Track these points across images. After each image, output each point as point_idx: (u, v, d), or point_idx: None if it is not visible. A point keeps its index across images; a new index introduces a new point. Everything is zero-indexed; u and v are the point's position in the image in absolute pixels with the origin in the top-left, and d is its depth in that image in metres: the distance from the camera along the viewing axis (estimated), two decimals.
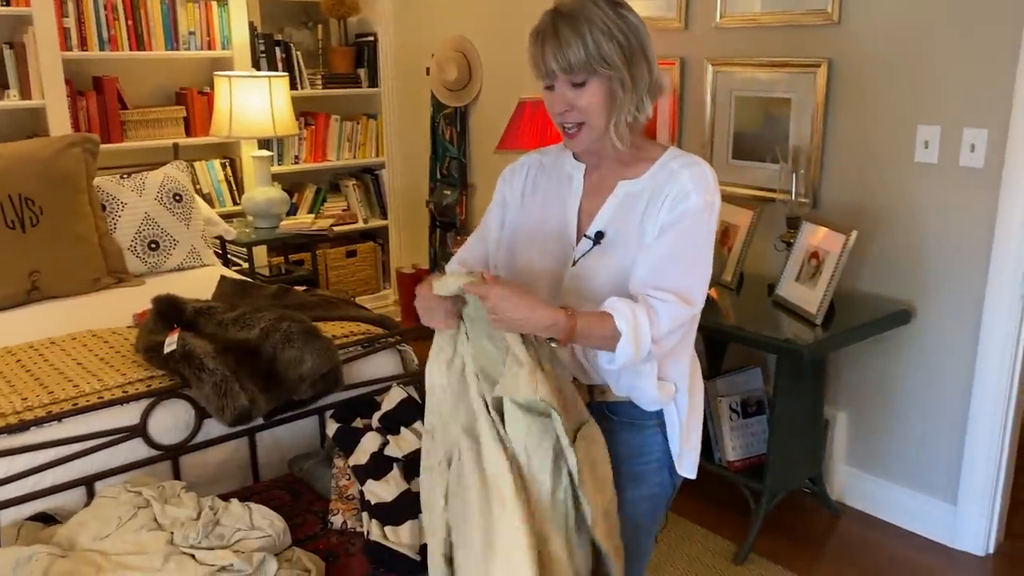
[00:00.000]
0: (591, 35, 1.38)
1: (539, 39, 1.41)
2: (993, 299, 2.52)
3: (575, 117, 1.44)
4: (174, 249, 3.42)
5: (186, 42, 4.00)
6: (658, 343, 1.37)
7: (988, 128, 2.47)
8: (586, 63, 1.39)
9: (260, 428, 2.27)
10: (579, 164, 1.56)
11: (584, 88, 1.42)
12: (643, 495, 1.57)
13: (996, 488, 2.65)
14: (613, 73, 1.41)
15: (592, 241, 1.49)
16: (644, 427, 1.54)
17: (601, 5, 1.40)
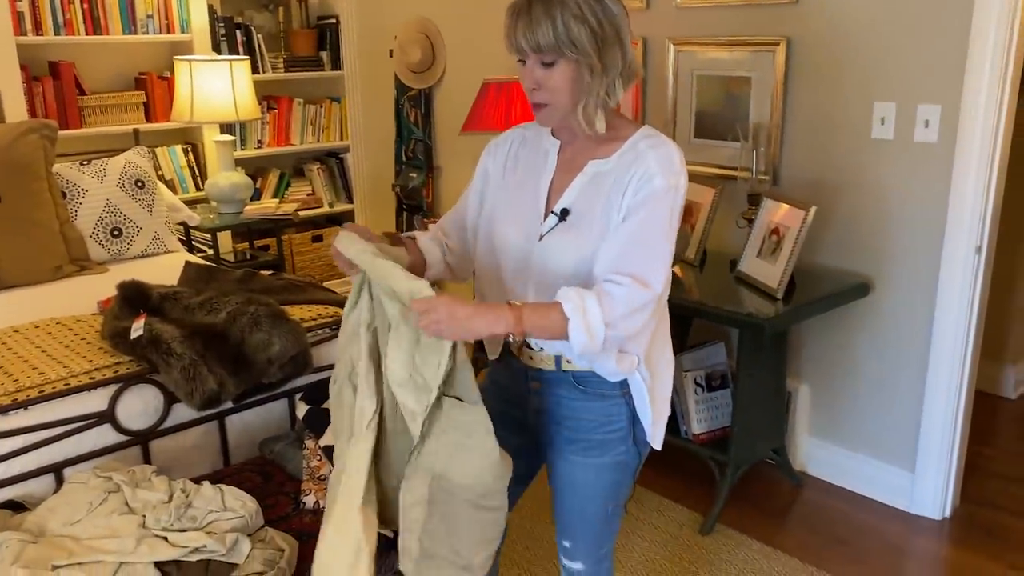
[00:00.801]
0: (562, 18, 1.39)
1: (513, 15, 1.44)
2: (948, 271, 2.60)
3: (542, 97, 1.47)
4: (137, 236, 3.39)
5: (144, 26, 3.94)
6: (613, 326, 1.38)
7: (941, 104, 2.53)
8: (554, 45, 1.40)
9: (230, 412, 2.27)
10: (555, 140, 1.59)
11: (552, 69, 1.44)
12: (609, 462, 1.61)
13: (952, 455, 2.73)
14: (582, 58, 1.42)
15: (557, 217, 1.51)
16: (609, 397, 1.57)
17: None
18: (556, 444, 1.64)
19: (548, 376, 1.60)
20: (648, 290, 1.41)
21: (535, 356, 1.59)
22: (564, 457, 1.63)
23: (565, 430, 1.61)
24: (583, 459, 1.61)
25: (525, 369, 1.62)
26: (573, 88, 1.45)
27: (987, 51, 2.41)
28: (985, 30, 2.40)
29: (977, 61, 2.43)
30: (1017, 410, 3.57)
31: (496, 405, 1.67)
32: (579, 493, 1.65)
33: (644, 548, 2.64)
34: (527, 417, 1.66)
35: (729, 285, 2.80)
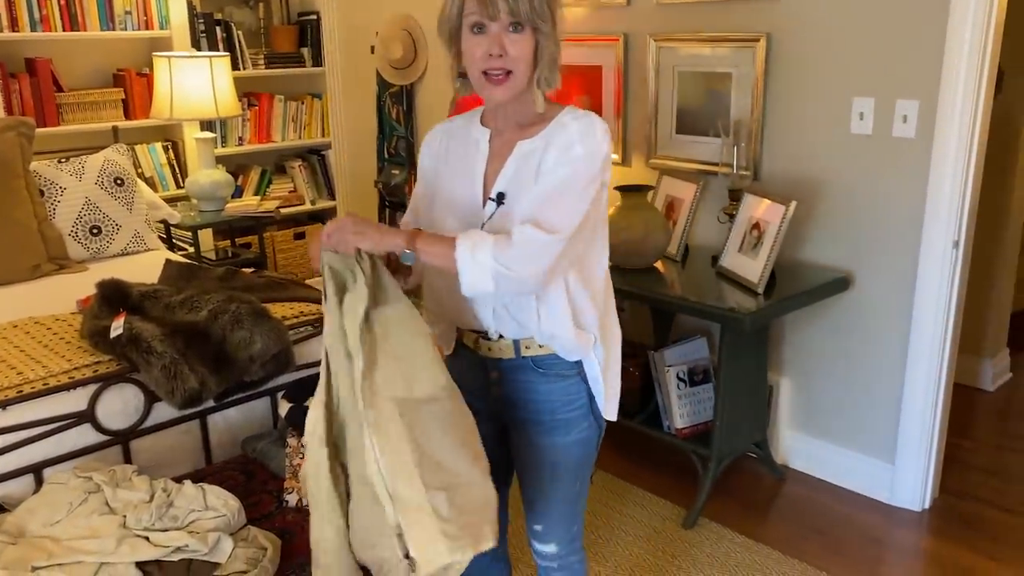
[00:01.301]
0: None
1: None
2: (926, 265, 2.62)
3: (504, 63, 1.46)
4: (117, 234, 3.36)
5: (122, 22, 3.90)
6: (506, 265, 1.39)
7: (919, 100, 2.55)
8: (529, 14, 1.43)
9: (211, 410, 2.26)
10: (485, 129, 1.60)
11: (520, 36, 1.45)
12: (574, 440, 1.65)
13: (931, 447, 2.76)
14: (545, 30, 1.46)
15: (496, 203, 1.53)
16: (568, 377, 1.62)
17: None
18: (521, 427, 1.67)
19: (507, 364, 1.62)
20: (549, 235, 1.41)
21: (493, 346, 1.61)
22: (530, 440, 1.66)
23: (529, 413, 1.65)
24: (549, 439, 1.65)
25: (483, 360, 1.64)
26: (531, 60, 1.47)
27: (963, 47, 2.43)
28: (961, 26, 2.42)
29: (954, 57, 2.45)
30: (995, 402, 3.61)
31: None
32: (547, 473, 1.68)
33: (627, 543, 2.65)
34: (489, 406, 1.68)
35: (711, 280, 2.81)
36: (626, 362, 3.00)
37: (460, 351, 1.69)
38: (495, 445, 1.73)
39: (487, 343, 1.62)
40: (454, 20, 1.49)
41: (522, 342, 1.59)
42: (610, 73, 3.33)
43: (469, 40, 1.48)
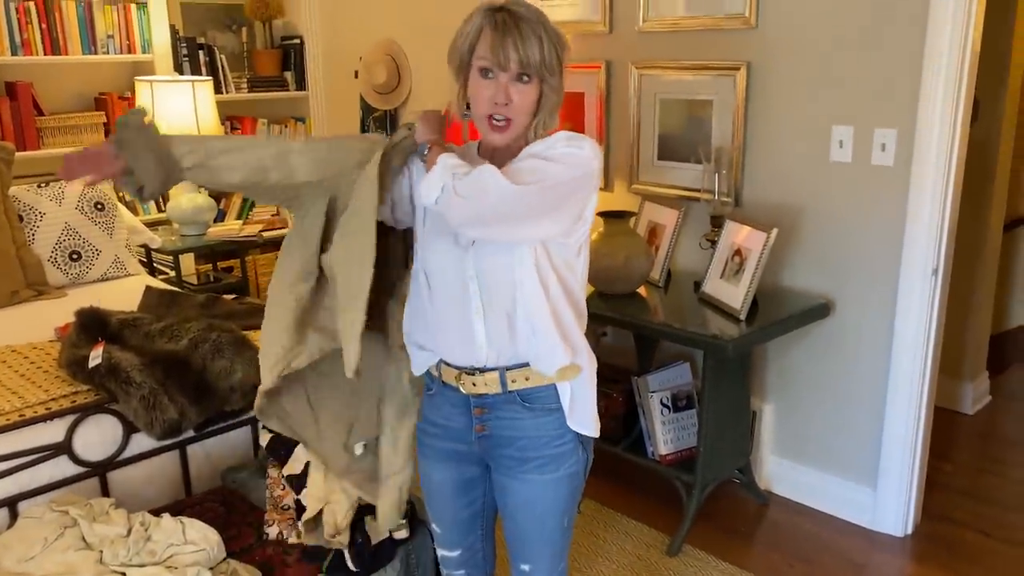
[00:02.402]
0: (548, 39, 1.45)
1: (499, 27, 1.45)
2: (906, 291, 2.64)
3: (507, 112, 1.49)
4: (96, 259, 3.34)
5: (104, 46, 3.89)
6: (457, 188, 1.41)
7: (897, 128, 2.58)
8: (539, 66, 1.45)
9: (191, 440, 2.24)
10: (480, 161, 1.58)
11: (526, 86, 1.47)
12: (564, 475, 1.64)
13: (912, 472, 2.77)
14: (552, 83, 1.48)
15: None
16: (555, 410, 1.60)
17: (541, 15, 1.48)
18: (508, 467, 1.64)
19: (493, 400, 1.60)
20: (511, 185, 1.41)
21: (478, 381, 1.59)
22: (518, 478, 1.63)
23: (517, 451, 1.62)
24: (539, 476, 1.62)
25: (466, 398, 1.62)
26: (534, 109, 1.50)
27: (940, 76, 2.47)
28: (938, 56, 2.45)
29: (930, 86, 2.49)
30: (976, 425, 3.64)
31: (437, 444, 1.70)
32: (537, 511, 1.66)
33: (611, 570, 2.63)
34: (472, 447, 1.66)
35: (693, 306, 2.82)
36: (610, 387, 3.02)
37: (441, 391, 1.66)
38: (482, 488, 1.72)
39: (471, 379, 1.60)
40: (464, 56, 1.50)
41: (508, 375, 1.58)
42: (592, 100, 3.35)
43: (477, 81, 1.49)
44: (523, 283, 1.52)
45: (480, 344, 1.56)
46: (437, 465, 1.72)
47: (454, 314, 1.57)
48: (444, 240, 1.55)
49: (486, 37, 1.46)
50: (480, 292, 1.54)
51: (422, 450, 1.74)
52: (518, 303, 1.53)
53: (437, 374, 1.65)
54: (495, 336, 1.56)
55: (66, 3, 3.75)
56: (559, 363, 1.57)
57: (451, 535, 1.78)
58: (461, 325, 1.57)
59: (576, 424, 1.62)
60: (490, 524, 1.79)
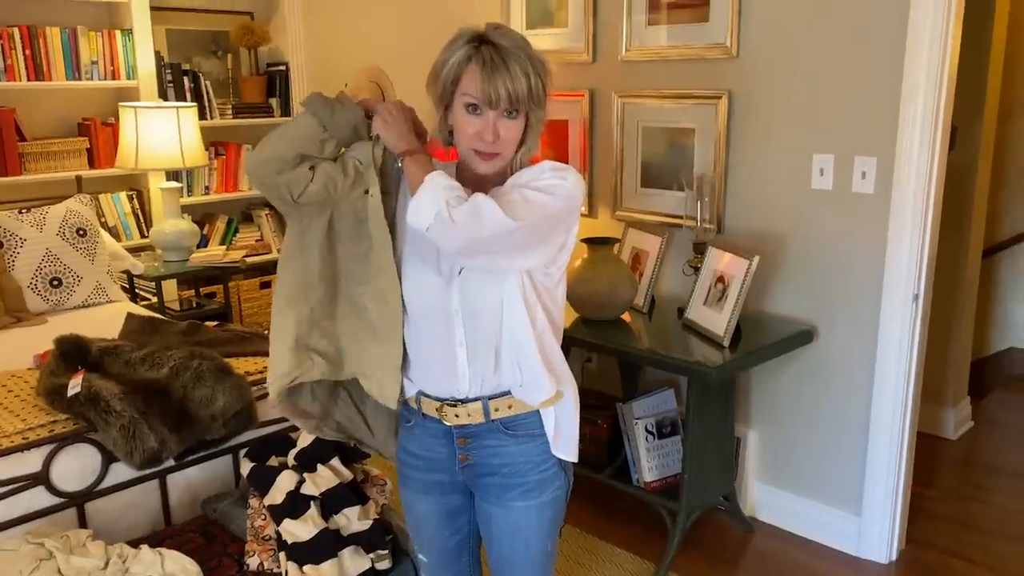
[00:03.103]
0: (534, 72, 1.43)
1: (487, 66, 1.42)
2: (887, 318, 2.66)
3: (496, 147, 1.48)
4: (78, 286, 3.31)
5: (88, 72, 3.88)
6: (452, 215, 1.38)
7: (877, 156, 2.62)
8: (527, 99, 1.44)
9: (171, 470, 2.21)
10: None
11: (514, 121, 1.46)
12: (548, 500, 1.63)
13: (896, 498, 2.78)
14: (538, 116, 1.48)
15: None
16: (538, 436, 1.60)
17: (525, 43, 1.45)
18: (493, 494, 1.63)
19: (476, 430, 1.59)
20: (507, 219, 1.40)
21: (460, 412, 1.58)
22: (504, 505, 1.63)
23: (502, 478, 1.61)
24: (524, 503, 1.62)
25: (449, 429, 1.61)
26: (520, 140, 1.49)
27: (918, 105, 2.50)
28: (915, 85, 2.49)
29: (909, 115, 2.52)
30: (959, 451, 3.65)
31: (420, 475, 1.68)
32: (522, 537, 1.65)
33: None
34: (456, 477, 1.65)
35: (677, 332, 2.83)
36: (595, 414, 3.02)
37: (422, 423, 1.65)
38: (467, 515, 1.71)
39: (453, 410, 1.58)
40: (448, 87, 1.47)
41: (491, 404, 1.57)
42: (576, 127, 3.37)
43: (462, 115, 1.47)
44: (510, 315, 1.51)
45: (462, 375, 1.56)
46: (421, 497, 1.70)
47: (435, 346, 1.56)
48: (427, 270, 1.54)
49: (473, 73, 1.43)
50: (464, 324, 1.53)
51: (404, 482, 1.72)
52: (504, 335, 1.53)
53: (416, 406, 1.64)
54: (478, 368, 1.55)
55: (50, 29, 3.74)
56: (544, 394, 1.57)
57: (439, 564, 1.76)
58: (442, 357, 1.56)
59: (559, 450, 1.62)
60: (476, 550, 1.78)
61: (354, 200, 1.56)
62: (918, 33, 2.46)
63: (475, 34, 1.45)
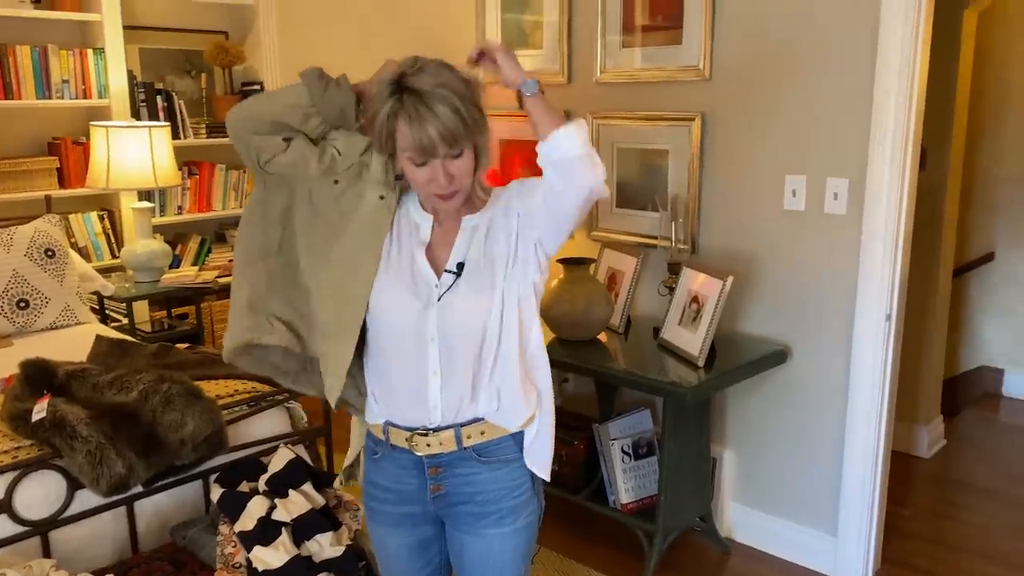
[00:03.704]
0: (460, 103, 1.40)
1: (411, 120, 1.39)
2: (860, 338, 2.68)
3: (453, 186, 1.46)
4: (46, 307, 3.26)
5: (59, 90, 3.85)
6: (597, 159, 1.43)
7: (848, 178, 2.64)
8: (464, 132, 1.41)
9: (139, 496, 2.17)
10: (427, 215, 1.56)
11: (461, 158, 1.44)
12: (522, 526, 1.61)
13: (871, 517, 2.78)
14: (481, 138, 1.46)
15: (455, 274, 1.51)
16: (511, 461, 1.58)
17: (444, 72, 1.41)
18: (466, 523, 1.61)
19: (448, 458, 1.57)
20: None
21: (432, 441, 1.55)
22: (477, 533, 1.60)
23: (475, 506, 1.59)
24: (498, 530, 1.60)
25: (419, 459, 1.58)
26: (472, 168, 1.48)
27: (888, 127, 2.53)
28: (886, 107, 2.52)
29: (879, 137, 2.55)
30: (932, 469, 3.68)
31: (389, 509, 1.65)
32: (496, 566, 1.63)
33: None
34: (427, 508, 1.62)
35: (653, 352, 2.83)
36: (571, 435, 3.00)
37: (390, 454, 1.61)
38: (438, 545, 1.68)
39: (424, 439, 1.55)
40: (385, 141, 1.45)
41: (464, 431, 1.54)
42: None
43: (409, 168, 1.46)
44: (492, 341, 1.50)
45: (434, 404, 1.53)
46: (391, 531, 1.66)
47: (406, 373, 1.53)
48: (402, 292, 1.51)
49: (402, 129, 1.41)
50: (440, 351, 1.50)
51: (372, 516, 1.69)
52: (484, 360, 1.50)
53: (384, 437, 1.60)
54: (452, 396, 1.52)
55: (20, 48, 3.71)
56: (522, 417, 1.55)
57: None
58: (413, 385, 1.53)
59: (533, 463, 1.59)
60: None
61: (320, 188, 1.54)
62: (888, 56, 2.49)
63: (394, 80, 1.41)
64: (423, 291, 1.51)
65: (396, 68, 1.43)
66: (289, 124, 1.51)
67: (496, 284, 1.50)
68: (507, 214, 1.54)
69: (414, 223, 1.57)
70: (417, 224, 1.57)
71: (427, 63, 1.43)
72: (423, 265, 1.53)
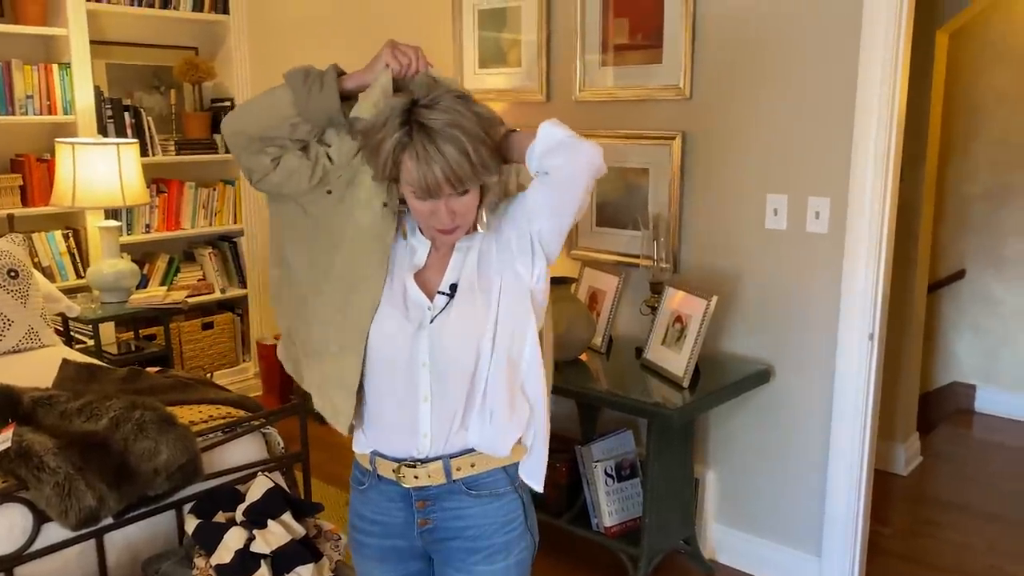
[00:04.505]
0: (472, 147, 1.33)
1: (418, 159, 1.33)
2: (843, 357, 2.67)
3: (456, 222, 1.41)
4: (8, 330, 3.15)
5: (23, 106, 3.74)
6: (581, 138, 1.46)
7: (830, 197, 2.64)
8: (471, 175, 1.35)
9: (109, 528, 2.08)
10: (424, 240, 1.50)
11: (467, 196, 1.39)
12: (514, 563, 1.55)
13: (856, 537, 2.77)
14: (490, 181, 1.41)
15: (448, 295, 1.46)
16: (502, 495, 1.53)
17: (460, 109, 1.35)
18: (456, 559, 1.54)
19: (436, 491, 1.51)
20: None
21: (420, 473, 1.49)
22: (467, 570, 1.53)
23: (465, 541, 1.53)
24: (489, 567, 1.53)
25: (407, 491, 1.52)
26: (476, 204, 1.42)
27: (869, 147, 2.54)
28: (867, 127, 2.53)
29: (861, 156, 2.55)
30: (910, 487, 3.69)
31: (374, 542, 1.58)
32: None
33: None
34: (414, 542, 1.56)
35: (636, 373, 2.79)
36: (553, 457, 2.92)
37: (376, 485, 1.56)
38: None
39: (412, 471, 1.49)
40: (388, 170, 1.38)
41: (453, 463, 1.49)
42: None
43: (412, 199, 1.40)
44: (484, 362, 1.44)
45: (423, 433, 1.47)
46: (376, 565, 1.60)
47: (395, 400, 1.48)
48: (393, 315, 1.45)
49: (407, 165, 1.35)
50: (431, 378, 1.45)
51: (358, 549, 1.62)
52: (476, 384, 1.45)
53: (371, 467, 1.55)
54: (442, 425, 1.47)
55: None
56: (510, 443, 1.50)
57: None
58: (402, 413, 1.48)
59: (527, 474, 1.54)
60: None
61: (314, 200, 1.48)
62: (869, 75, 2.50)
63: (405, 109, 1.35)
64: (415, 314, 1.46)
65: (409, 96, 1.37)
66: (277, 136, 1.44)
67: (491, 305, 1.45)
68: (499, 228, 1.49)
69: (411, 246, 1.51)
70: (414, 248, 1.51)
71: (442, 95, 1.35)
72: (413, 289, 1.48)
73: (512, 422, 1.49)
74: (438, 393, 1.45)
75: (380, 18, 3.84)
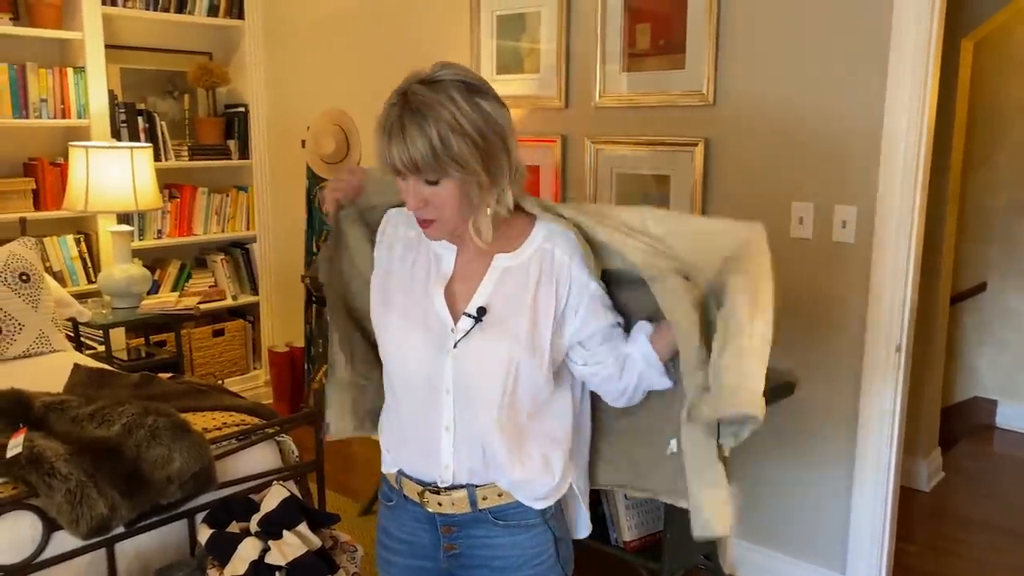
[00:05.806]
0: (438, 133, 1.24)
1: (384, 133, 1.28)
2: (870, 370, 2.61)
3: (429, 213, 1.33)
4: (19, 334, 3.11)
5: (37, 110, 3.72)
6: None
7: (857, 206, 2.59)
8: (434, 164, 1.26)
9: (120, 537, 2.02)
10: (450, 246, 1.43)
11: (438, 186, 1.30)
12: None
13: (881, 555, 2.70)
14: (468, 176, 1.29)
15: (475, 319, 1.37)
16: (533, 526, 1.46)
17: (455, 96, 1.27)
18: None
19: (462, 519, 1.44)
20: None
21: (444, 500, 1.43)
22: None
23: (491, 571, 1.46)
24: None
25: (432, 516, 1.46)
26: (461, 205, 1.32)
27: (899, 155, 2.48)
28: (896, 134, 2.48)
29: (889, 164, 2.50)
30: (933, 503, 3.61)
31: (401, 561, 1.53)
32: None
33: None
34: (440, 564, 1.50)
35: None
36: None
37: (403, 504, 1.50)
38: None
39: (435, 497, 1.43)
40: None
41: (479, 492, 1.42)
42: (548, 173, 3.31)
43: (399, 183, 1.34)
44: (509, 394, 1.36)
45: (445, 463, 1.41)
46: None
47: (416, 424, 1.42)
48: (415, 333, 1.39)
49: (375, 142, 1.30)
50: (455, 406, 1.38)
51: (383, 566, 1.57)
52: (501, 418, 1.37)
53: (398, 486, 1.49)
54: (464, 456, 1.40)
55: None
56: (542, 491, 1.43)
57: None
58: (424, 438, 1.42)
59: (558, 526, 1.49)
60: None
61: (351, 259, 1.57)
62: (899, 82, 2.45)
63: (403, 85, 1.30)
64: (437, 336, 1.38)
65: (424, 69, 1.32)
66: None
67: (523, 331, 1.36)
68: (552, 277, 1.40)
69: (435, 254, 1.44)
70: (439, 255, 1.44)
71: (445, 82, 1.28)
72: (440, 306, 1.40)
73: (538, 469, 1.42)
74: (460, 422, 1.38)
75: (396, 24, 3.81)
